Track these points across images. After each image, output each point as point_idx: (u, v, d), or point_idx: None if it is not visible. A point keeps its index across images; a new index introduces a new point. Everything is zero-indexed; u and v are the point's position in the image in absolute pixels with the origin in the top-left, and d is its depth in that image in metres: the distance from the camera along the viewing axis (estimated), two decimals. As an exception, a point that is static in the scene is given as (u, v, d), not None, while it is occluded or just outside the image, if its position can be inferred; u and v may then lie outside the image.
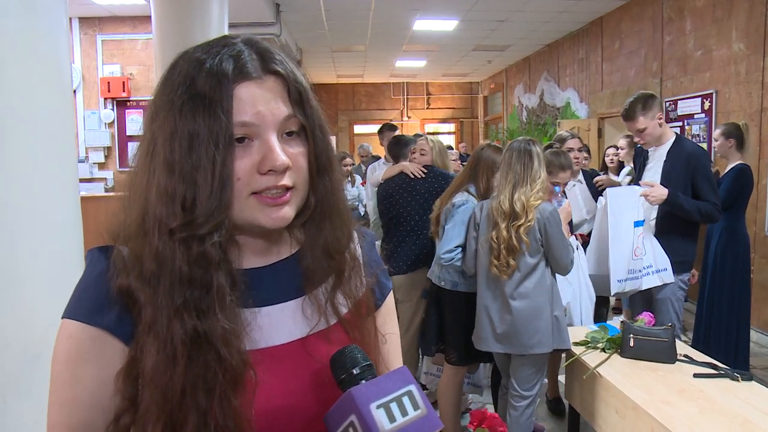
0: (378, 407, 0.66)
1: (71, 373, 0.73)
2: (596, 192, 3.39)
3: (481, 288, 2.73)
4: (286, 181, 0.74)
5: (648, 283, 3.09)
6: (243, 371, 0.71)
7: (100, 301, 0.72)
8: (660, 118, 3.18)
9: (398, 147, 3.99)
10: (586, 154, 3.44)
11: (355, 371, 0.71)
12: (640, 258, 3.07)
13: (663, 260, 3.10)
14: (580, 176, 3.45)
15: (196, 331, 0.70)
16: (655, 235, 3.16)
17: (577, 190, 3.43)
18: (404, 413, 0.67)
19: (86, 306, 0.73)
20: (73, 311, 0.74)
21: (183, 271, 0.71)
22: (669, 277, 3.09)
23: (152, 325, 0.70)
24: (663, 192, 3.03)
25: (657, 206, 3.13)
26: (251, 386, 0.72)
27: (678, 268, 3.13)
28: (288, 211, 0.75)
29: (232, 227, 0.74)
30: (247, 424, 0.70)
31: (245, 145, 0.73)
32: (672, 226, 3.14)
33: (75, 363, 0.72)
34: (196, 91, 0.71)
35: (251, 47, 0.75)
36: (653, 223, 3.19)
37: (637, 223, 3.08)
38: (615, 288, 3.07)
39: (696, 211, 3.06)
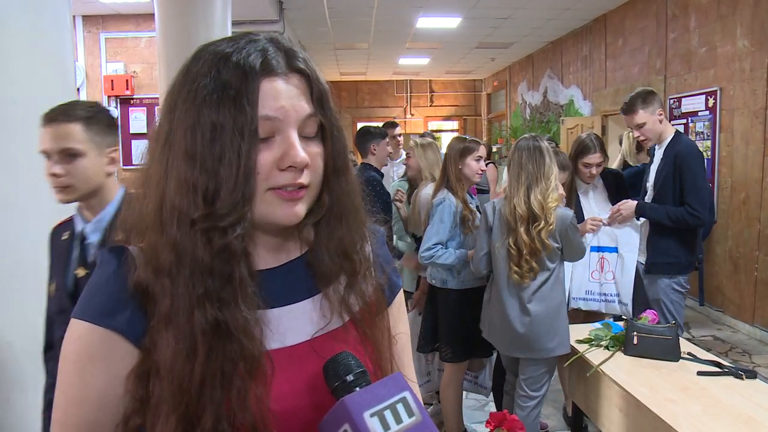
0: (372, 415, 0.65)
1: (80, 374, 0.72)
2: (616, 193, 3.33)
3: (501, 293, 2.66)
4: (304, 179, 0.74)
5: (610, 309, 3.16)
6: (263, 362, 0.71)
7: (111, 301, 0.72)
8: (660, 114, 3.15)
9: (363, 140, 3.84)
10: (601, 168, 3.34)
11: (348, 378, 0.70)
12: (598, 282, 3.16)
13: (629, 295, 3.10)
14: (596, 180, 3.40)
15: (218, 322, 0.69)
16: (649, 236, 3.15)
17: (590, 190, 3.41)
18: (399, 421, 0.66)
19: (97, 307, 0.72)
20: (83, 312, 0.73)
21: (204, 261, 0.70)
22: (628, 313, 3.07)
23: (170, 317, 0.70)
24: (631, 205, 3.09)
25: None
26: (269, 379, 0.71)
27: (670, 269, 3.11)
28: (300, 209, 0.75)
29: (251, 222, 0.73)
30: (265, 416, 0.70)
31: (267, 141, 0.72)
32: (663, 228, 3.10)
33: (84, 363, 0.72)
34: (222, 82, 0.70)
35: (276, 45, 0.75)
36: (630, 248, 3.14)
37: (594, 249, 3.19)
38: (570, 304, 3.18)
39: (665, 218, 3.05)
